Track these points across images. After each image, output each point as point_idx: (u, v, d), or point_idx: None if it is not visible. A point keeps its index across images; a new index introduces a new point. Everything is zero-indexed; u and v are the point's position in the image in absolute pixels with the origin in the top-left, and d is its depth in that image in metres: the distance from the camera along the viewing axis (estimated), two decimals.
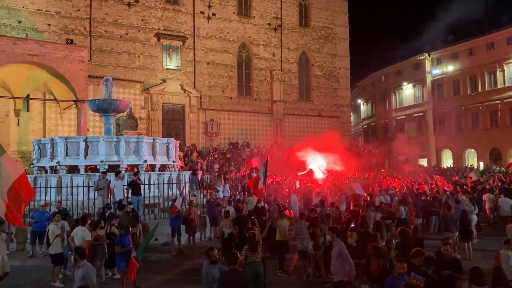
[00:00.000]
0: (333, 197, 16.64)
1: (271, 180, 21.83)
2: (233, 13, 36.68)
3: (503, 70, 38.78)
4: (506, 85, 38.47)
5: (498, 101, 39.15)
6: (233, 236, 11.41)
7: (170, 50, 33.84)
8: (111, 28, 31.53)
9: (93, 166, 16.99)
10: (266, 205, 14.57)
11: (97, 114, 24.12)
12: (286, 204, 16.90)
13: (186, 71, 34.31)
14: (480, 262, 11.44)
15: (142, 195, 14.66)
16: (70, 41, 29.01)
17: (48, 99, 28.58)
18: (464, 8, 48.08)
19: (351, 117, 48.98)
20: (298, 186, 21.29)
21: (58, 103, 28.53)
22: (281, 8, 38.94)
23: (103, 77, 20.67)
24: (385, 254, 8.52)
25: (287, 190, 20.04)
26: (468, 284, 6.47)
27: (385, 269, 7.76)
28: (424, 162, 43.99)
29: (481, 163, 39.36)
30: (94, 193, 14.27)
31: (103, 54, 31.19)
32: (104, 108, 18.29)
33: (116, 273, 10.97)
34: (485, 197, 19.15)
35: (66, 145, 16.84)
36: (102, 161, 16.47)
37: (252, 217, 11.75)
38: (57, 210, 12.74)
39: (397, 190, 21.29)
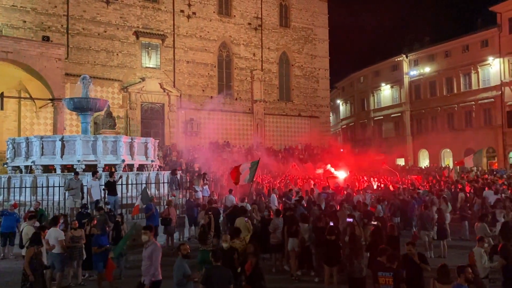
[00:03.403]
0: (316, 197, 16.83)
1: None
2: (214, 12, 36.57)
3: (477, 72, 39.75)
4: (480, 87, 39.45)
5: (473, 102, 40.12)
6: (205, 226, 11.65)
7: (149, 48, 33.52)
8: (89, 25, 31.04)
9: (70, 166, 16.71)
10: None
11: (74, 113, 23.69)
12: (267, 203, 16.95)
13: (166, 69, 34.05)
14: (454, 260, 11.73)
15: (120, 195, 14.50)
16: (46, 38, 28.41)
17: (23, 97, 27.97)
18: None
19: (331, 117, 49.46)
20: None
21: (33, 101, 27.97)
22: (261, 8, 39.01)
23: (80, 75, 20.34)
24: (259, 252, 8.41)
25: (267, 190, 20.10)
26: (433, 281, 6.65)
27: (257, 267, 7.63)
28: (401, 161, 44.74)
29: (458, 168, 40.16)
30: (65, 193, 14.05)
31: (81, 52, 30.68)
32: (81, 106, 18.01)
33: (93, 274, 10.83)
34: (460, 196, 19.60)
35: (42, 144, 16.54)
36: (79, 161, 16.23)
37: (209, 213, 12.58)
38: (33, 210, 12.52)
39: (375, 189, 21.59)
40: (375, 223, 11.37)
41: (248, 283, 7.45)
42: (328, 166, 26.52)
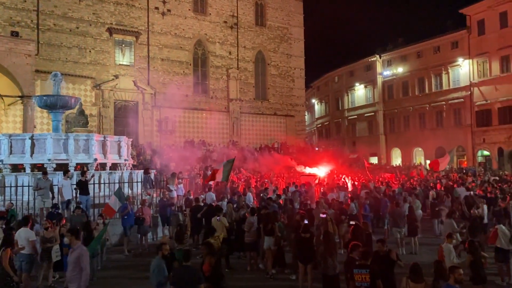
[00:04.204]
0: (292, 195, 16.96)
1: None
2: (189, 9, 36.27)
3: (448, 73, 40.79)
4: (451, 87, 40.51)
5: (443, 102, 41.16)
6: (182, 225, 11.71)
7: (123, 45, 32.98)
8: (60, 21, 30.29)
9: (40, 165, 16.29)
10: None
11: (45, 110, 23.15)
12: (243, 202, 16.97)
13: (140, 67, 33.57)
14: (425, 256, 12.04)
15: (92, 195, 14.23)
16: (15, 34, 27.59)
17: None
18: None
19: (306, 117, 49.84)
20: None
21: (2, 98, 27.11)
22: (237, 6, 38.93)
23: (51, 72, 19.81)
24: (216, 252, 8.33)
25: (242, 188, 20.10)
26: (406, 279, 6.79)
27: (217, 267, 7.66)
28: (374, 160, 45.53)
29: (428, 161, 41.20)
30: (34, 193, 13.71)
31: (52, 48, 29.92)
32: (52, 104, 17.54)
33: (64, 275, 10.58)
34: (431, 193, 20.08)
35: (11, 142, 16.03)
36: (49, 160, 15.81)
37: (185, 212, 13.18)
38: (5, 210, 12.18)
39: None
40: (353, 223, 11.51)
41: (209, 283, 7.41)
42: (292, 162, 26.62)
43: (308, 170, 26.15)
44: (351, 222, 11.69)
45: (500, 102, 36.00)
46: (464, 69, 39.15)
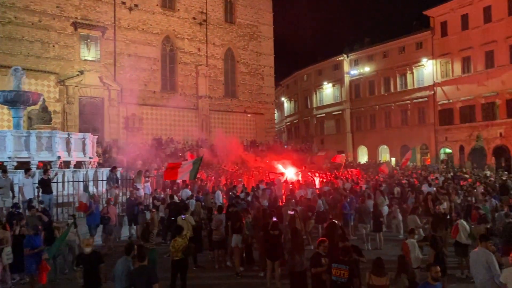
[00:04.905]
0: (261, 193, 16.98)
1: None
2: (157, 5, 35.68)
3: (412, 73, 41.90)
4: (415, 87, 41.62)
5: (408, 102, 42.26)
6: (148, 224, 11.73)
7: (89, 40, 32.09)
8: (22, 14, 29.16)
9: (0, 163, 15.66)
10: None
11: (5, 106, 22.24)
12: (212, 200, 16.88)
13: (106, 63, 32.77)
14: (389, 251, 12.33)
15: (55, 194, 13.81)
16: None
17: None
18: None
19: (275, 114, 50.07)
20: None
21: None
22: (206, 3, 38.62)
23: (12, 67, 19.07)
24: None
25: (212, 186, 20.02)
26: (369, 274, 6.93)
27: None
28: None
29: (393, 159, 42.29)
30: None
31: (13, 42, 28.78)
32: (12, 100, 16.91)
33: (25, 277, 10.23)
34: (396, 190, 20.56)
35: None
36: (10, 157, 15.24)
37: (153, 211, 13.40)
38: None
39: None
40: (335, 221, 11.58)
41: None
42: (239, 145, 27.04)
43: (258, 163, 26.41)
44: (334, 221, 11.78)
45: (462, 102, 37.27)
46: (428, 69, 40.29)
